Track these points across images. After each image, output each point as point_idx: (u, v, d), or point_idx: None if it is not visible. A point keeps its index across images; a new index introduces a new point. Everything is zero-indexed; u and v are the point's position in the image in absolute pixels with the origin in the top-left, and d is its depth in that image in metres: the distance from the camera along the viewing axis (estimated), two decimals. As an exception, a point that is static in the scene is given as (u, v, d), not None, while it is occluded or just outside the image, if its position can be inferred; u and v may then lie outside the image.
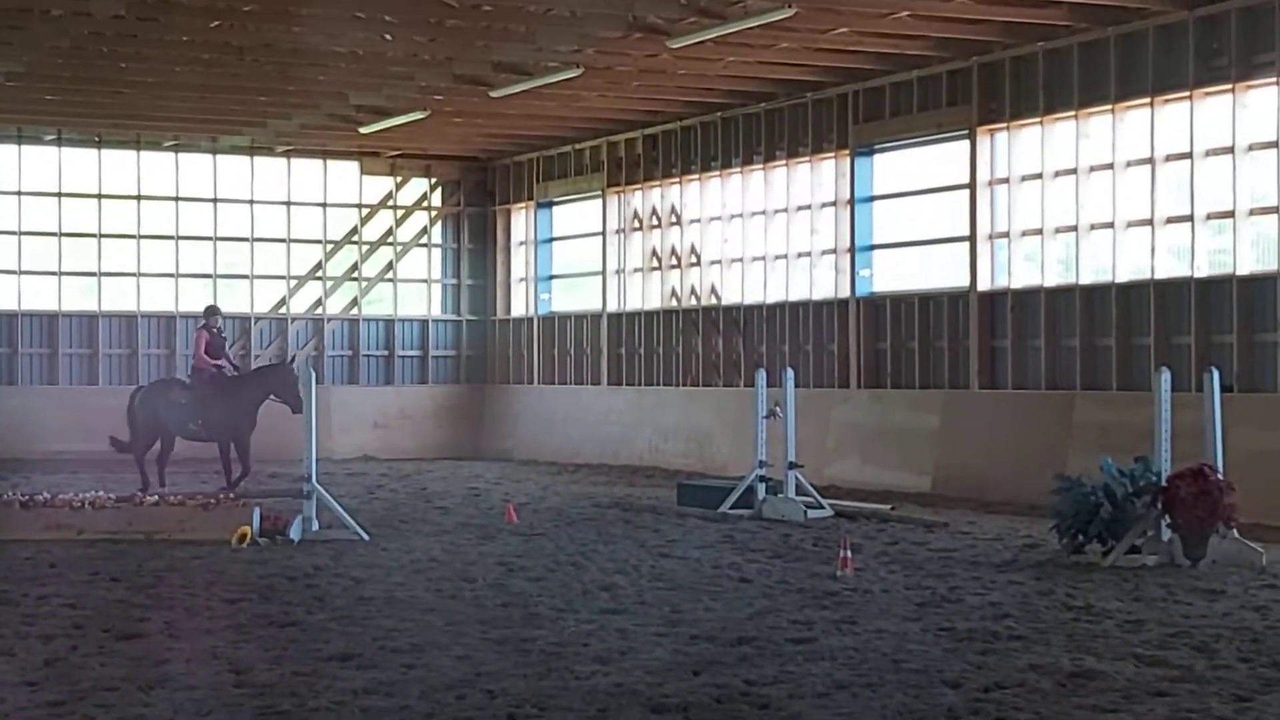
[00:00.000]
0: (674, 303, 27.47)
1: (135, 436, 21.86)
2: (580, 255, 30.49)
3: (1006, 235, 21.41)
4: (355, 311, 31.50)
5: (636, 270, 28.39)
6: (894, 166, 23.62)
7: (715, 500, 18.89)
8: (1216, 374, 14.51)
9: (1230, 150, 18.41)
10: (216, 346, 21.94)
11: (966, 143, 21.79)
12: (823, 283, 24.45)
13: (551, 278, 31.26)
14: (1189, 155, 18.88)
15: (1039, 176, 20.83)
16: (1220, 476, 13.85)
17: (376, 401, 31.15)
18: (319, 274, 31.21)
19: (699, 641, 10.31)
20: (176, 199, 30.13)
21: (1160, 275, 19.29)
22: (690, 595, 12.36)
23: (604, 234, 28.99)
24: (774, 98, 24.76)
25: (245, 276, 30.77)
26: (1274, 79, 17.88)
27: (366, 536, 16.04)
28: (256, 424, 21.30)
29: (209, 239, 30.35)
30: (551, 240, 31.28)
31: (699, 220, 26.88)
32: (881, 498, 20.23)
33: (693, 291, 27.13)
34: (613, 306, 28.84)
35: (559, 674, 9.24)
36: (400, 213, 31.84)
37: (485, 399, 31.94)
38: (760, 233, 25.60)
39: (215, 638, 10.49)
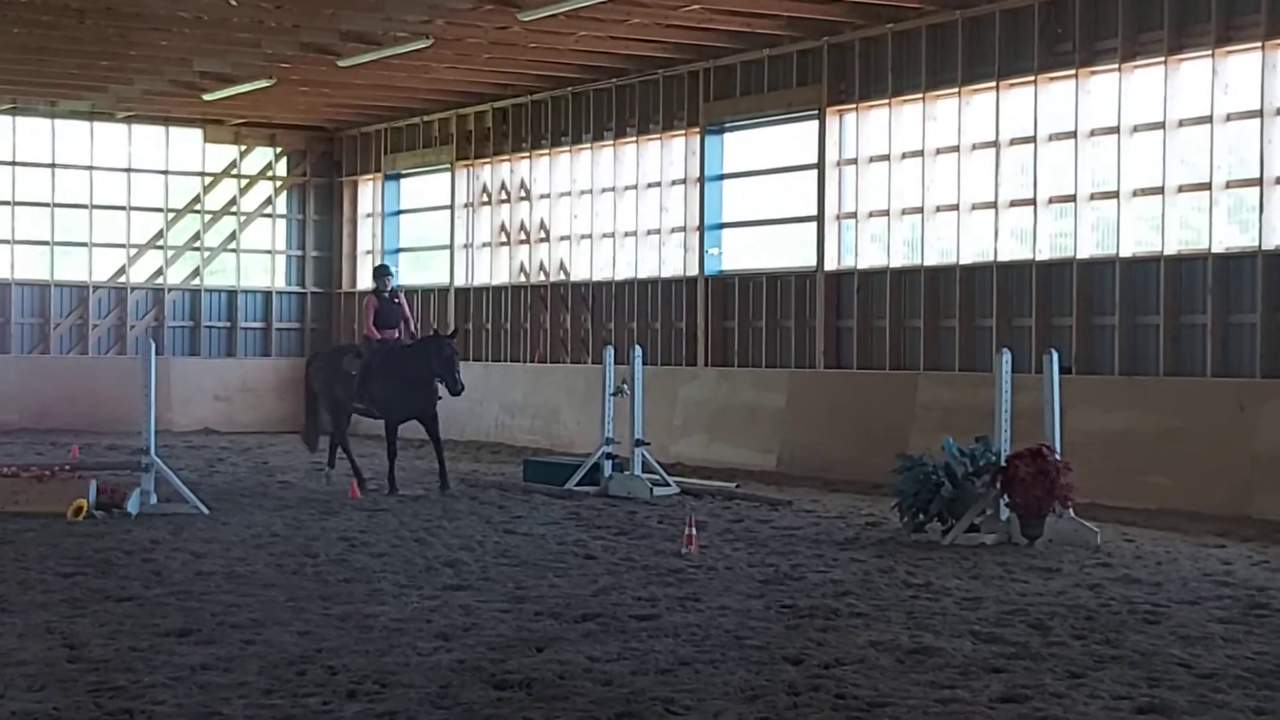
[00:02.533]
0: (522, 278, 27.36)
1: (308, 410, 20.20)
2: (428, 229, 30.27)
3: (854, 216, 21.58)
4: (197, 282, 30.98)
5: (485, 245, 28.24)
6: (744, 145, 23.71)
7: (561, 477, 18.86)
8: (1056, 356, 14.75)
9: (1073, 135, 18.71)
10: (385, 314, 19.03)
11: (816, 123, 21.92)
12: (672, 260, 24.50)
13: (398, 251, 30.99)
14: (1033, 139, 19.16)
15: (886, 158, 21.02)
16: (1058, 457, 14.08)
17: (218, 374, 30.70)
18: (160, 243, 30.66)
19: (543, 618, 10.28)
20: (13, 164, 29.42)
21: (1003, 258, 19.56)
22: (535, 572, 12.32)
23: (452, 207, 28.79)
24: (625, 73, 24.74)
25: (84, 244, 30.12)
26: (1116, 65, 18.19)
27: (206, 510, 15.81)
28: (436, 404, 18.73)
29: (46, 205, 29.68)
30: (399, 213, 31.02)
31: (548, 195, 26.79)
32: (727, 475, 20.33)
33: (541, 267, 27.04)
34: (460, 281, 28.67)
35: (401, 650, 9.15)
36: (244, 182, 31.37)
37: (330, 372, 31.53)
38: (610, 209, 25.57)
39: (49, 612, 10.27)
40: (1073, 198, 18.75)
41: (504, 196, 27.83)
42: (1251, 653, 9.20)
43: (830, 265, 21.79)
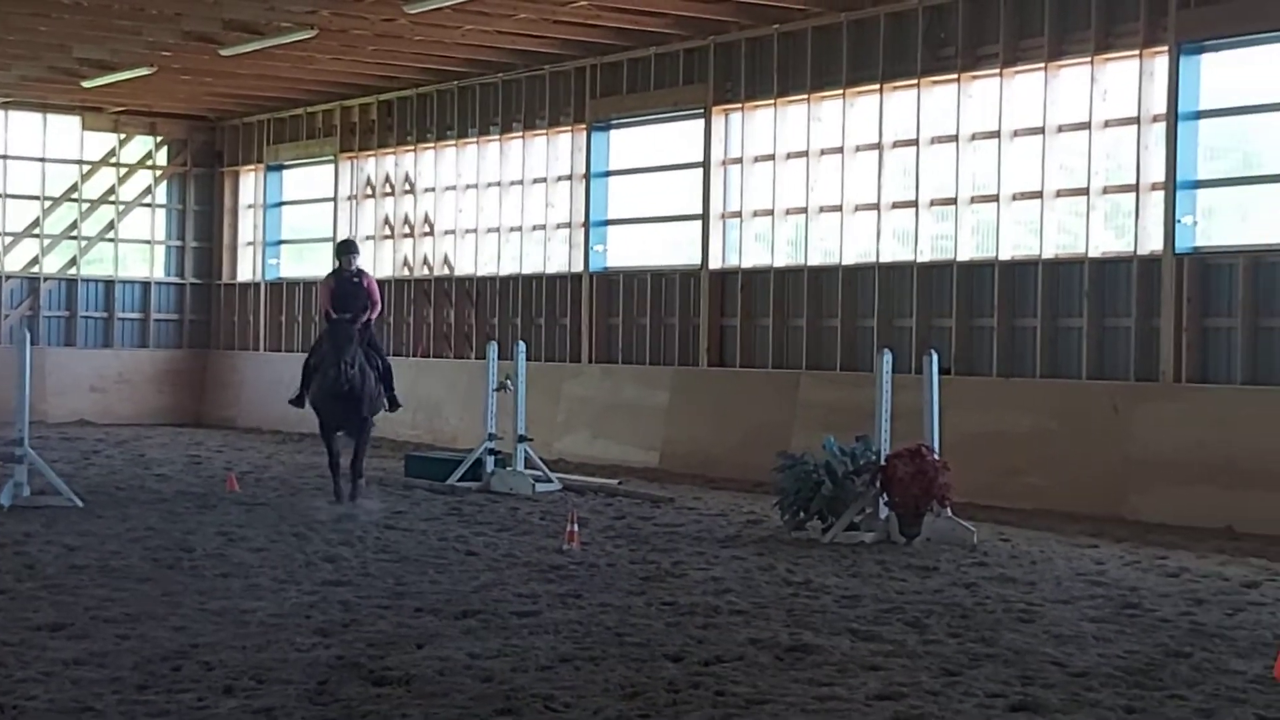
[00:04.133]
0: (406, 272, 27.21)
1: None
2: (310, 221, 30.01)
3: (738, 215, 21.68)
4: (73, 271, 30.49)
5: (368, 238, 28.02)
6: (630, 142, 23.73)
7: (443, 472, 18.77)
8: (935, 357, 14.90)
9: (954, 139, 18.91)
10: (346, 296, 16.57)
11: (702, 121, 21.99)
12: (557, 256, 24.47)
13: (280, 242, 30.71)
14: (915, 142, 19.34)
15: (771, 158, 21.13)
16: (936, 456, 14.23)
17: (94, 364, 30.23)
18: (36, 231, 30.13)
19: (423, 614, 10.23)
20: (-116, 148, 28.84)
21: (884, 259, 19.73)
22: (416, 568, 12.27)
23: (335, 200, 28.57)
24: (512, 68, 24.67)
25: (-43, 232, 29.58)
26: (997, 70, 18.40)
27: (80, 503, 15.58)
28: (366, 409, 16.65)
29: (-81, 191, 29.12)
30: (281, 204, 30.72)
31: (433, 189, 26.67)
32: (610, 472, 20.35)
33: (425, 261, 26.91)
34: (343, 274, 28.39)
35: (279, 646, 9.07)
36: (123, 171, 30.91)
37: (209, 365, 31.25)
38: (495, 204, 25.49)
39: (-85, 607, 10.07)
40: (953, 200, 18.95)
41: (388, 189, 27.66)
42: (1123, 652, 9.35)
43: (714, 264, 21.87)
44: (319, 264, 29.15)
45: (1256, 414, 15.81)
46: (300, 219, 30.48)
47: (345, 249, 17.32)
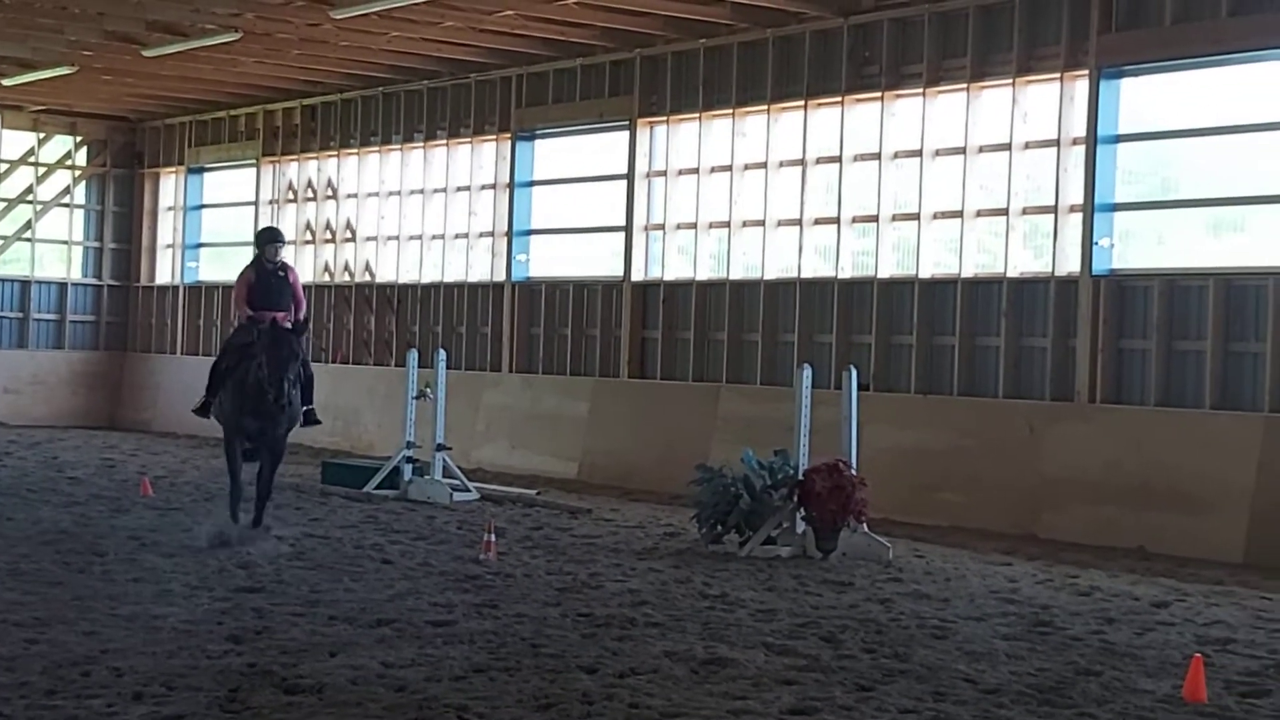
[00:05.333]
0: (327, 278, 27.06)
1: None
2: (231, 224, 29.78)
3: (661, 227, 21.71)
4: (-11, 270, 30.15)
5: (289, 243, 27.84)
6: (555, 152, 23.71)
7: (360, 480, 18.68)
8: (855, 373, 14.99)
9: (877, 157, 19.03)
10: (268, 291, 14.98)
11: (627, 133, 22.02)
12: (479, 265, 24.41)
13: (200, 246, 30.46)
14: (838, 159, 19.45)
15: (695, 171, 21.19)
16: (854, 472, 14.30)
17: (8, 365, 29.84)
18: (-49, 229, 29.78)
19: (337, 622, 10.18)
20: None
21: (806, 274, 19.82)
22: (330, 575, 12.20)
23: (257, 204, 28.37)
24: (437, 76, 24.61)
25: None
26: (920, 90, 18.54)
27: (-9, 505, 15.38)
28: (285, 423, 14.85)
29: None
30: (201, 207, 30.47)
31: (356, 195, 26.54)
32: (528, 482, 20.32)
33: (346, 267, 26.77)
34: (263, 278, 28.21)
35: (190, 652, 9.00)
36: (41, 170, 30.55)
37: (125, 367, 30.95)
38: (418, 212, 25.41)
39: None
40: (875, 218, 19.07)
41: (310, 194, 27.51)
42: (1034, 669, 9.44)
43: (637, 276, 21.90)
44: (239, 268, 28.89)
45: (1169, 435, 16.00)
46: (220, 222, 30.23)
47: (268, 237, 15.37)
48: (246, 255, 28.20)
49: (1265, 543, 14.79)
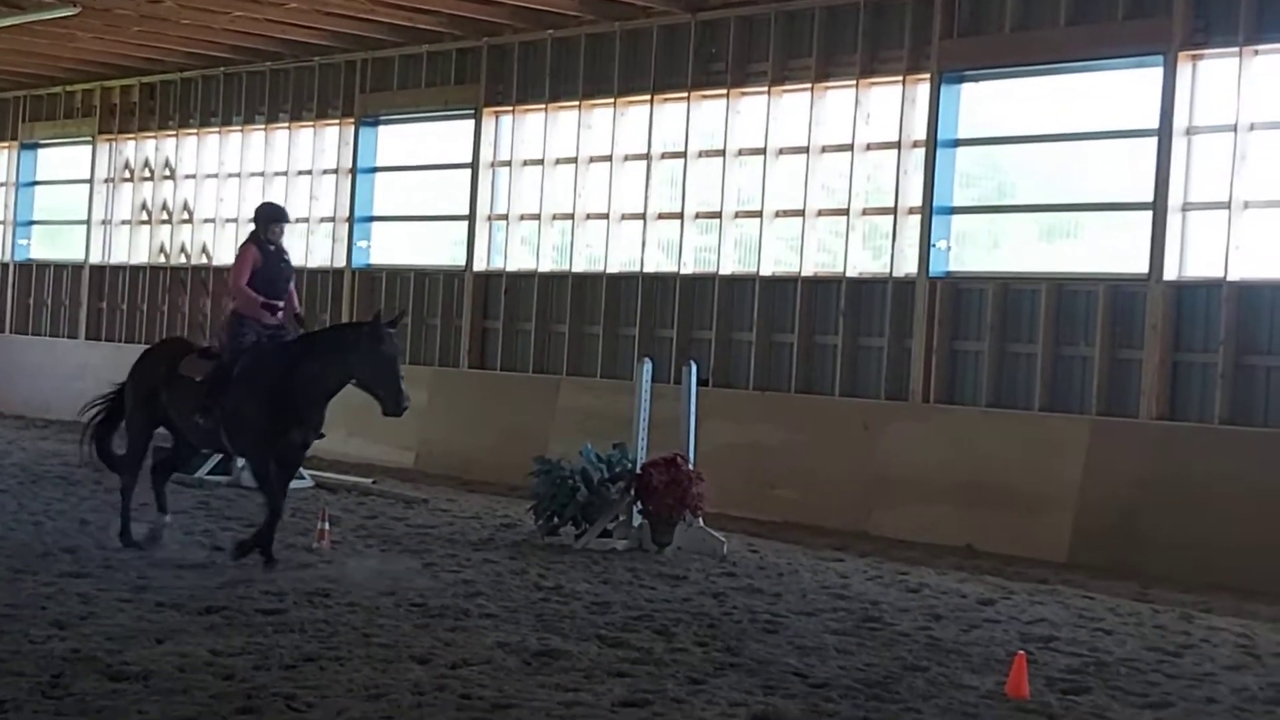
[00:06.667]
0: (162, 259, 26.62)
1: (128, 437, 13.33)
2: (65, 202, 29.18)
3: (505, 218, 21.65)
4: None
5: (124, 222, 27.38)
6: (399, 139, 23.54)
7: (193, 466, 18.36)
8: (694, 367, 15.06)
9: (721, 153, 19.14)
10: (270, 277, 12.87)
11: (472, 122, 21.91)
12: (319, 251, 24.16)
13: (32, 223, 29.80)
14: (683, 154, 19.53)
15: (540, 162, 21.15)
16: (691, 467, 14.38)
17: None
18: None
19: (165, 609, 10.03)
20: None
21: (648, 269, 19.88)
22: (159, 562, 12.00)
23: (92, 182, 27.83)
24: (280, 58, 24.30)
25: None
26: (766, 88, 18.68)
27: None
28: (323, 425, 12.81)
29: None
30: (35, 184, 29.82)
31: (194, 176, 26.13)
32: (364, 471, 20.14)
33: (183, 249, 26.36)
34: (96, 258, 27.73)
35: (12, 637, 8.81)
36: None
37: (-49, 345, 30.19)
38: (258, 195, 25.05)
39: None
40: (718, 214, 19.18)
41: (147, 174, 27.03)
42: (862, 664, 9.56)
43: (479, 265, 21.81)
44: (73, 248, 28.40)
45: (999, 436, 16.29)
46: (54, 200, 29.61)
47: (270, 214, 13.14)
48: (80, 234, 27.97)
49: (1089, 543, 15.12)
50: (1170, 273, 15.41)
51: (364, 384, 12.38)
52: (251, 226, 13.15)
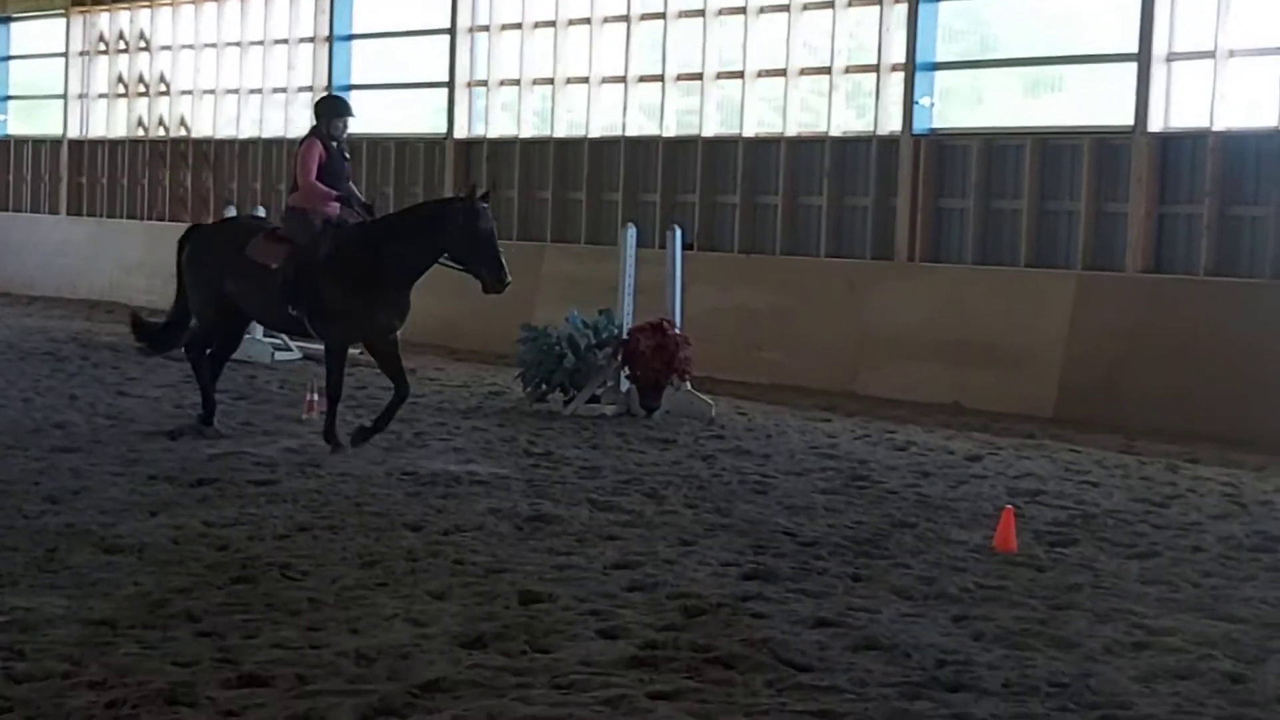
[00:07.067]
0: (141, 132, 26.40)
1: (173, 320, 13.01)
2: (40, 77, 28.88)
3: (485, 84, 21.46)
4: None
5: (101, 96, 27.12)
6: (375, 6, 23.26)
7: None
8: (679, 232, 15.02)
9: (701, 13, 18.94)
10: (334, 171, 12.32)
11: (449, -13, 21.66)
12: (298, 121, 23.94)
13: (7, 99, 29.51)
14: (663, 16, 19.33)
15: (519, 26, 20.93)
16: (678, 331, 14.38)
17: None
18: None
19: (157, 481, 10.06)
20: None
21: (631, 133, 19.76)
22: (149, 435, 12.02)
23: (67, 55, 27.51)
24: (254, -75, 23.96)
25: None
26: (746, -52, 18.45)
27: None
28: (409, 312, 12.57)
29: None
30: (8, 59, 29.49)
31: (171, 47, 25.85)
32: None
33: (161, 122, 26.13)
34: (74, 133, 27.50)
35: (5, 513, 8.86)
36: None
37: (-69, 224, 30.02)
38: (235, 65, 24.83)
39: None
40: (700, 76, 19.02)
41: (123, 46, 26.72)
42: (851, 522, 9.63)
43: (460, 133, 21.66)
44: (50, 123, 28.13)
45: (985, 293, 16.30)
46: (29, 75, 29.32)
47: (332, 109, 12.60)
48: (56, 109, 27.69)
49: (1075, 397, 15.19)
50: (1155, 124, 15.34)
51: (461, 261, 12.29)
52: (312, 121, 12.69)
